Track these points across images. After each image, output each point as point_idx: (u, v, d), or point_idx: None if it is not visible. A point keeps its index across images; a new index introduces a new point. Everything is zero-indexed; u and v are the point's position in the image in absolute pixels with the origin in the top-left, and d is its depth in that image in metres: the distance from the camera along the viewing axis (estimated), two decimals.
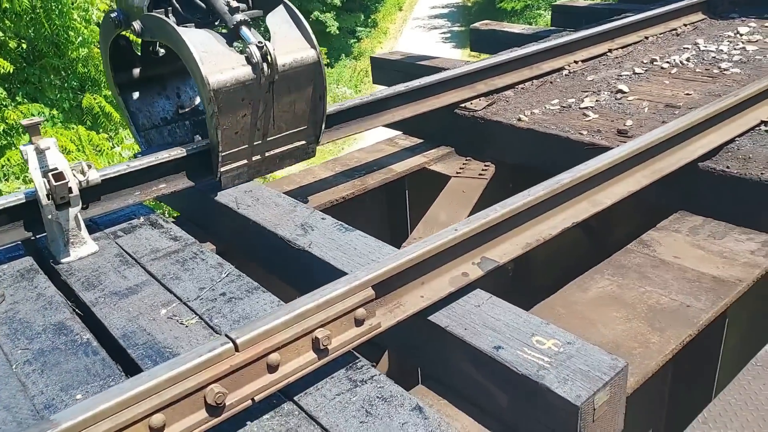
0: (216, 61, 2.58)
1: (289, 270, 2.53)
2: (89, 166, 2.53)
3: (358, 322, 1.84)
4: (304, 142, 3.01)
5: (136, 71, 3.24)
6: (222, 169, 2.79)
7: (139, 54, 3.26)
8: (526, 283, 4.05)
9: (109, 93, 7.68)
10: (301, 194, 3.64)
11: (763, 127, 3.25)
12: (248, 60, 2.64)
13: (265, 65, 2.63)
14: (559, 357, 1.78)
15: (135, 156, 2.91)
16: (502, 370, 1.79)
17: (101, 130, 8.05)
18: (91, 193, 2.57)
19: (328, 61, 22.88)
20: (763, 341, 1.92)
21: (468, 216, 2.75)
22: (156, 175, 2.77)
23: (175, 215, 3.37)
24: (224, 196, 2.82)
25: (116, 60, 3.17)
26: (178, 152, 2.79)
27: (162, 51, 3.28)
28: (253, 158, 2.87)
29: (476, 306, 2.02)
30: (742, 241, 2.72)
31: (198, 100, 3.34)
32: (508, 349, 1.82)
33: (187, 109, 3.33)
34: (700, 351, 2.51)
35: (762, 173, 2.80)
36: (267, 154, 2.91)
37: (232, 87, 2.59)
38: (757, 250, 2.65)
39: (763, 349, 1.78)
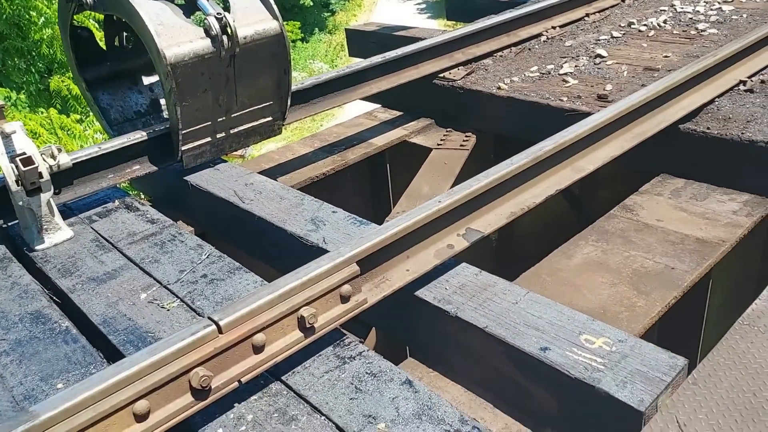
0: (173, 33, 2.47)
1: None
2: (59, 150, 2.46)
3: (344, 299, 1.81)
4: (269, 118, 2.92)
5: (103, 66, 3.11)
6: (183, 148, 2.69)
7: (105, 48, 3.14)
8: (512, 252, 4.06)
9: None
10: (280, 172, 3.58)
11: (741, 87, 3.25)
12: (207, 32, 2.52)
13: (225, 38, 2.53)
14: (612, 357, 1.66)
15: None
16: (551, 374, 1.67)
17: (71, 112, 7.86)
18: (62, 178, 2.50)
19: (302, 35, 22.53)
20: (746, 300, 1.93)
21: (451, 187, 2.71)
22: (129, 156, 2.70)
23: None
24: (222, 189, 2.67)
25: (80, 54, 3.04)
26: (150, 132, 2.71)
27: (129, 45, 3.16)
28: (217, 135, 2.77)
29: (514, 303, 1.90)
30: (724, 202, 2.72)
31: None
32: (556, 351, 1.70)
33: (162, 102, 3.22)
34: (685, 312, 2.53)
35: (742, 133, 2.80)
36: (231, 132, 2.81)
37: (190, 61, 2.49)
38: (739, 210, 2.66)
39: (750, 308, 1.78)
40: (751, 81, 3.29)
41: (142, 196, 3.46)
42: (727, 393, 1.53)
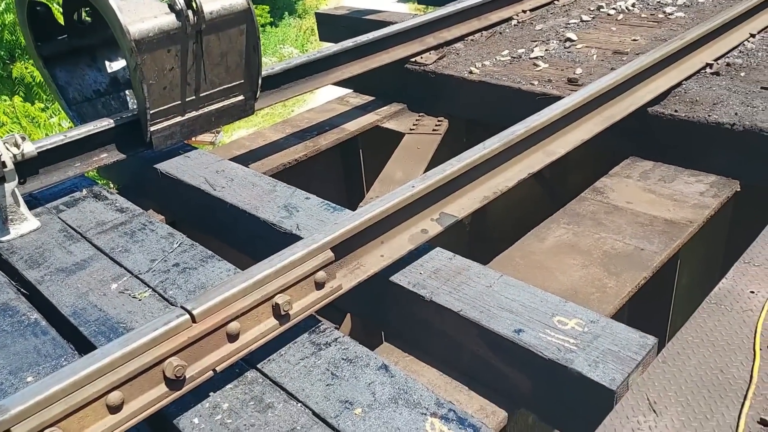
0: (136, 9, 2.43)
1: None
2: (23, 139, 2.39)
3: (319, 285, 1.80)
4: (241, 98, 2.88)
5: (61, 42, 3.02)
6: (152, 129, 2.64)
7: (63, 24, 3.05)
8: (485, 236, 4.09)
9: None
10: (251, 158, 3.54)
11: (708, 70, 3.30)
12: (171, 7, 2.48)
13: (190, 12, 2.49)
14: (585, 337, 1.68)
15: None
16: (525, 355, 1.69)
17: (36, 100, 7.65)
18: (27, 167, 2.44)
19: (271, 19, 22.20)
20: (713, 279, 1.97)
21: (424, 172, 2.72)
22: (96, 144, 2.64)
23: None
24: (192, 177, 2.63)
25: (37, 30, 2.94)
26: (117, 119, 2.65)
27: (88, 19, 3.08)
28: (186, 115, 2.73)
29: (487, 287, 1.91)
30: (692, 183, 2.77)
31: None
32: (529, 332, 1.72)
33: (122, 81, 3.15)
34: (654, 292, 2.58)
35: (708, 115, 2.85)
36: (201, 111, 2.76)
37: (155, 37, 2.44)
38: (705, 191, 2.71)
39: (717, 287, 1.82)
40: (717, 64, 3.34)
41: (111, 185, 3.40)
42: (696, 370, 1.57)
